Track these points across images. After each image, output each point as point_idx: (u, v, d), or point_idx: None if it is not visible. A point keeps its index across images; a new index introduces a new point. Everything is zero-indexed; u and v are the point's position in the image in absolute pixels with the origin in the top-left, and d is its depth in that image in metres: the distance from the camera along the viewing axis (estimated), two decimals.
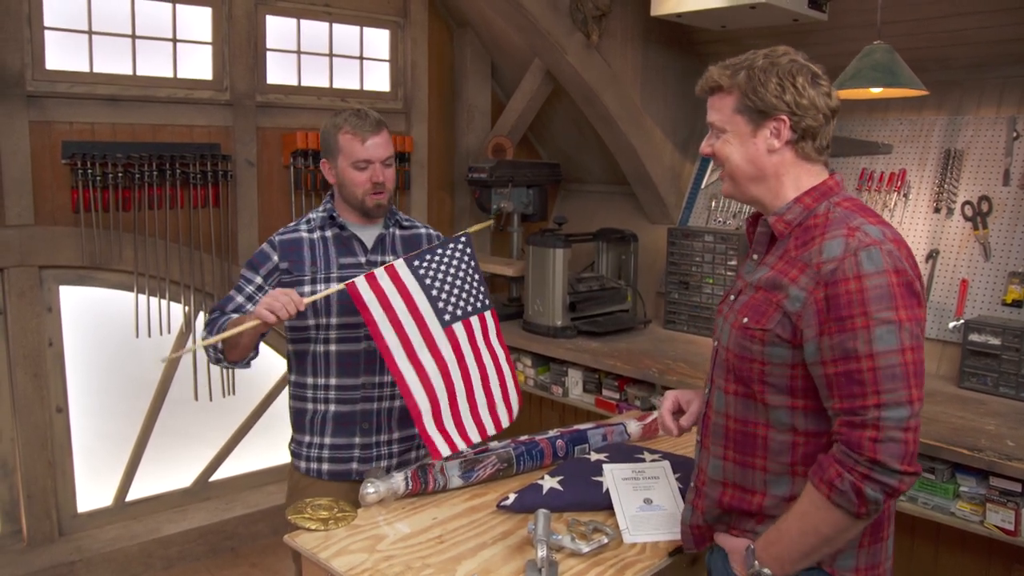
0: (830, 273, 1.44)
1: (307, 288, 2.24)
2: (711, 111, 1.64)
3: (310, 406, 2.33)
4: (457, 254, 2.25)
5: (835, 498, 1.43)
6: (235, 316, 2.21)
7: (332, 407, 2.30)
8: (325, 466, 2.32)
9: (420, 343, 2.13)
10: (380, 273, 2.10)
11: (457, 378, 2.19)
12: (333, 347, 2.28)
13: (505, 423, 2.30)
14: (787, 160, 1.58)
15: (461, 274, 2.24)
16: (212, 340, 2.10)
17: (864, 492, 1.40)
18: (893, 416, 1.39)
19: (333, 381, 2.29)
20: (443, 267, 2.21)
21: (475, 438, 2.21)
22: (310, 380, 2.31)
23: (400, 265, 2.14)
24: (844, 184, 1.61)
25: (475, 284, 2.28)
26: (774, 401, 1.55)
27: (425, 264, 2.18)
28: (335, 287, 2.11)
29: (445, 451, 2.12)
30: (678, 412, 1.93)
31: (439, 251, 2.22)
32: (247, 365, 2.29)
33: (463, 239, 2.27)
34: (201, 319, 3.80)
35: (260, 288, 2.27)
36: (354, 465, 2.31)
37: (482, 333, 2.28)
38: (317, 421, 2.32)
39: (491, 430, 2.26)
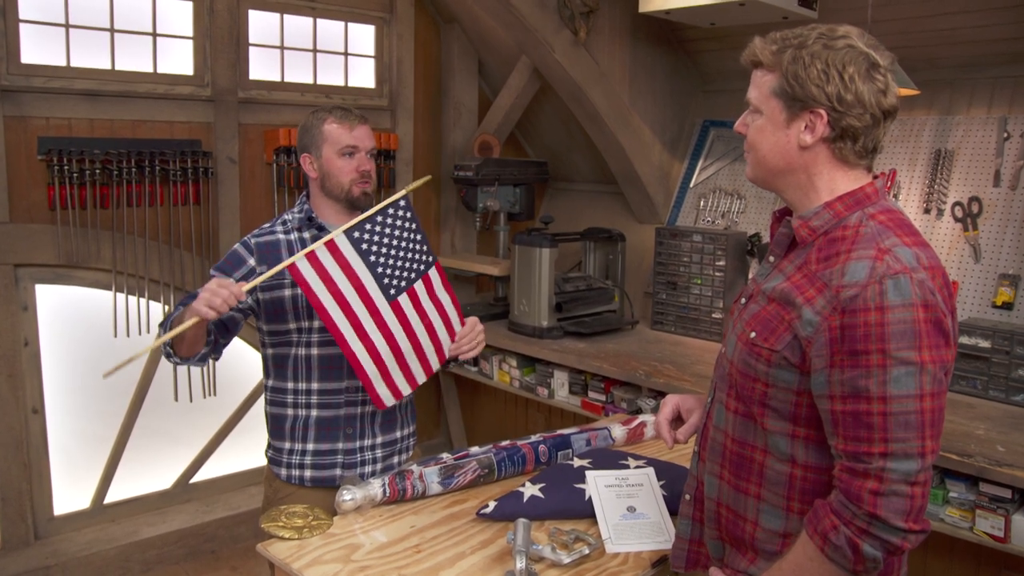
0: (849, 300, 1.28)
1: (287, 292, 2.19)
2: (751, 86, 1.46)
3: (290, 412, 2.27)
4: (398, 221, 2.16)
5: (829, 552, 1.30)
6: (181, 309, 2.10)
7: (314, 412, 2.25)
8: (308, 472, 2.26)
9: (368, 319, 2.11)
10: (321, 251, 2.03)
11: (404, 342, 2.18)
12: (315, 351, 2.23)
13: (446, 352, 2.30)
14: (821, 159, 1.40)
15: (403, 243, 2.17)
16: (137, 356, 1.90)
17: (861, 549, 1.27)
18: (899, 468, 1.25)
19: (315, 386, 2.24)
20: (384, 238, 2.14)
21: (420, 379, 2.23)
22: (290, 385, 2.25)
23: (340, 239, 2.06)
24: (884, 192, 1.44)
25: (416, 247, 2.21)
26: (773, 427, 1.41)
27: (367, 235, 2.11)
28: (274, 268, 2.02)
29: (390, 401, 2.16)
30: (677, 420, 1.77)
31: (378, 218, 2.13)
32: (204, 362, 2.19)
33: (402, 202, 2.17)
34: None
35: None
36: (338, 471, 2.27)
37: (427, 293, 2.24)
38: (299, 427, 2.26)
39: (435, 365, 2.27)
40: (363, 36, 4.34)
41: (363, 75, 4.37)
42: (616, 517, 1.92)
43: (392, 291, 2.15)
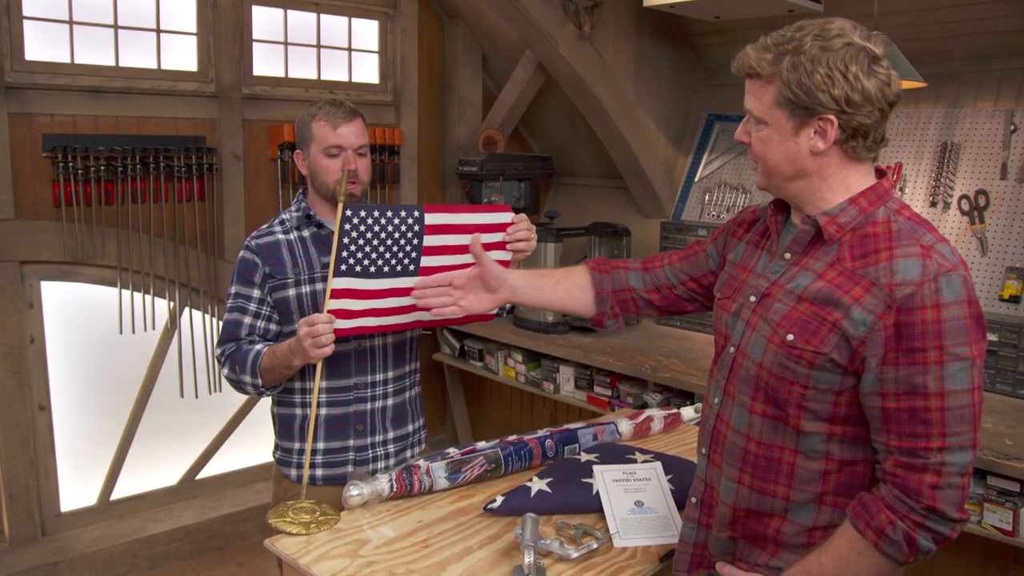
0: (906, 298, 1.27)
1: (291, 291, 2.18)
2: (748, 97, 1.42)
3: (298, 411, 2.25)
4: (361, 227, 2.04)
5: (884, 546, 1.30)
6: (262, 348, 2.13)
7: (323, 410, 2.22)
8: (319, 471, 2.24)
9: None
10: (334, 303, 2.01)
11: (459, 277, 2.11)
12: None
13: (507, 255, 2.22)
14: (834, 161, 1.38)
15: (382, 233, 2.06)
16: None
17: (917, 542, 1.28)
18: (957, 461, 1.27)
19: (323, 383, 2.21)
20: (366, 246, 2.04)
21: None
22: (297, 384, 2.23)
23: (337, 281, 2.01)
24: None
25: (395, 223, 2.07)
26: (809, 427, 1.39)
27: (351, 260, 2.03)
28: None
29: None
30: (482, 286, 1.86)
31: (344, 240, 2.02)
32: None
33: (347, 212, 2.02)
34: (186, 316, 3.74)
35: (262, 301, 2.19)
36: (350, 468, 2.25)
37: (443, 233, 2.13)
38: (307, 426, 2.22)
39: (505, 257, 2.19)
40: (367, 31, 4.33)
41: (367, 70, 4.36)
42: (624, 511, 1.91)
43: (412, 267, 2.10)
